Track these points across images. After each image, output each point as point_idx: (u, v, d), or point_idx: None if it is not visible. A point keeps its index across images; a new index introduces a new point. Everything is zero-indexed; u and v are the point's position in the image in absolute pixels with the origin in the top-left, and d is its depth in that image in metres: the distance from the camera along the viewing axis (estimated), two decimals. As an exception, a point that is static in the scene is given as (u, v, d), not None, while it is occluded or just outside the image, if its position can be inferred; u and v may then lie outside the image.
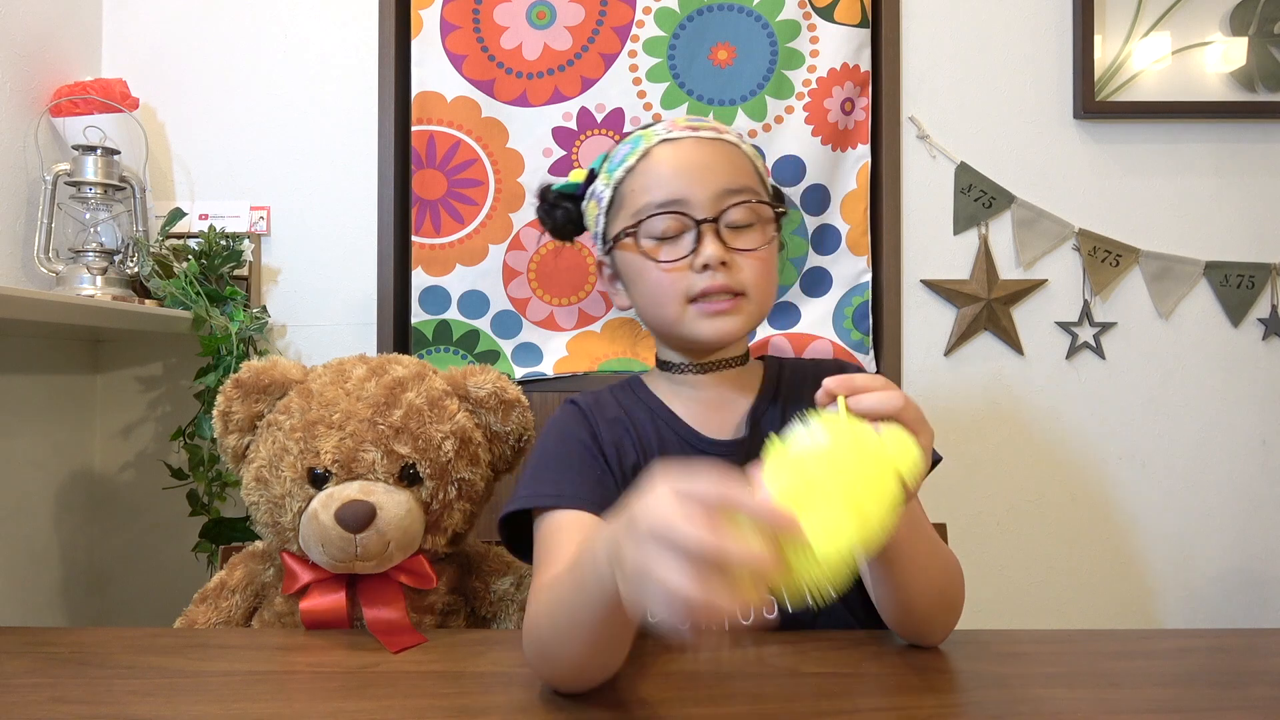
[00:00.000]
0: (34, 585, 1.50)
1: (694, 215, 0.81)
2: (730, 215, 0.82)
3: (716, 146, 0.85)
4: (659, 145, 0.84)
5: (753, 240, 0.83)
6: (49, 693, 0.68)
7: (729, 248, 0.81)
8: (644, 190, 0.83)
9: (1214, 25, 1.80)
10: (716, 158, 0.84)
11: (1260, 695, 0.70)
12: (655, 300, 0.84)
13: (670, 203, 0.82)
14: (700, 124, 0.87)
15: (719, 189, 0.82)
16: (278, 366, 0.94)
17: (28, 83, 1.54)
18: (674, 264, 0.82)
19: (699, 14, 1.77)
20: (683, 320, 0.83)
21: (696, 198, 0.81)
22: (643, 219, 0.83)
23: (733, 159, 0.85)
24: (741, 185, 0.83)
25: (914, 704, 0.66)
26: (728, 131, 0.87)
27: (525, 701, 0.69)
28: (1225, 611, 1.81)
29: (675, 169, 0.83)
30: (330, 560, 0.86)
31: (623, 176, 0.85)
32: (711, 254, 0.80)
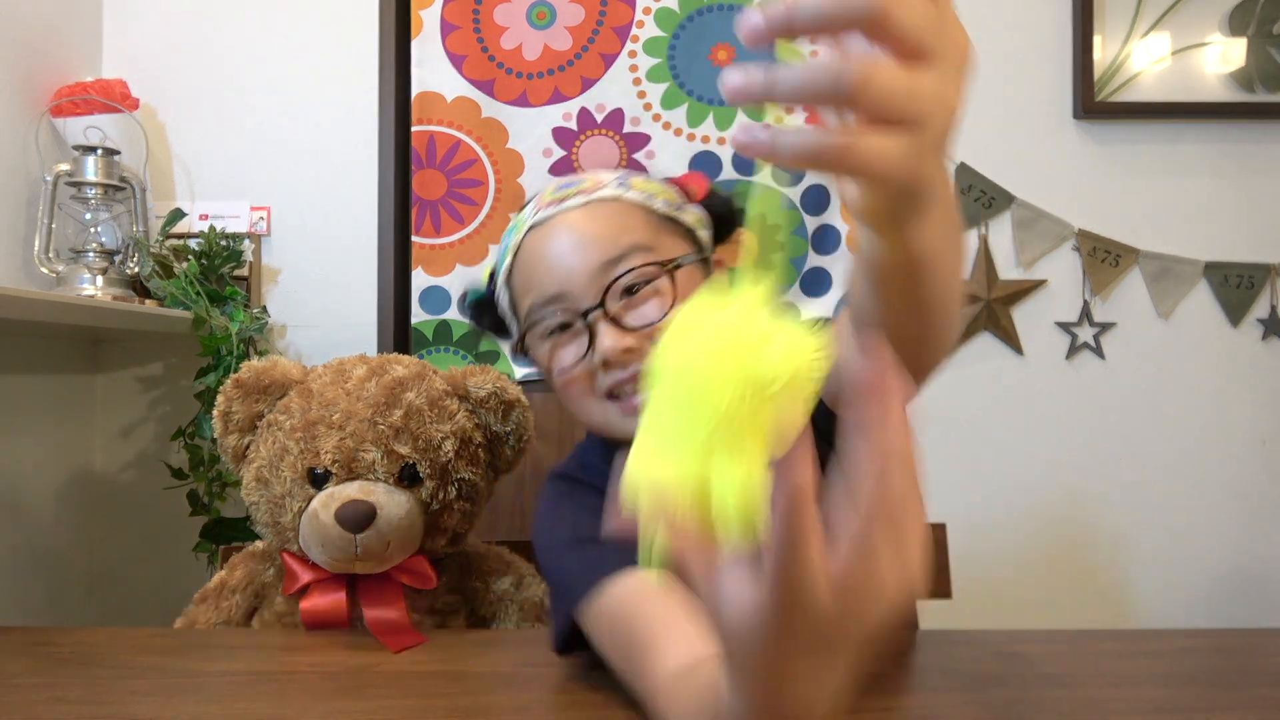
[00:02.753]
0: (34, 585, 1.50)
1: (577, 306, 0.70)
2: (616, 290, 0.70)
3: (588, 214, 0.73)
4: (527, 236, 0.75)
5: (656, 308, 0.70)
6: (50, 693, 0.68)
7: (629, 329, 0.69)
8: (524, 291, 0.74)
9: (1213, 26, 1.80)
10: (588, 229, 0.72)
11: (1260, 695, 0.70)
12: (573, 405, 0.74)
13: (549, 300, 0.72)
14: (568, 190, 0.75)
15: (595, 265, 0.70)
16: (278, 366, 0.94)
17: (28, 83, 1.54)
18: (574, 369, 0.72)
19: (699, 14, 1.77)
20: (609, 422, 0.72)
21: (575, 285, 0.70)
22: (529, 327, 0.74)
23: (610, 220, 0.72)
24: (625, 249, 0.70)
25: (914, 704, 0.66)
26: (604, 185, 0.74)
27: (525, 701, 0.69)
28: (1225, 611, 1.81)
29: (546, 259, 0.72)
30: (330, 560, 0.86)
31: (509, 274, 0.77)
32: (608, 347, 0.69)
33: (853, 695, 0.40)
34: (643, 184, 0.75)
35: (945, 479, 1.79)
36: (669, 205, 0.75)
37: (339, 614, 0.88)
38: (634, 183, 0.75)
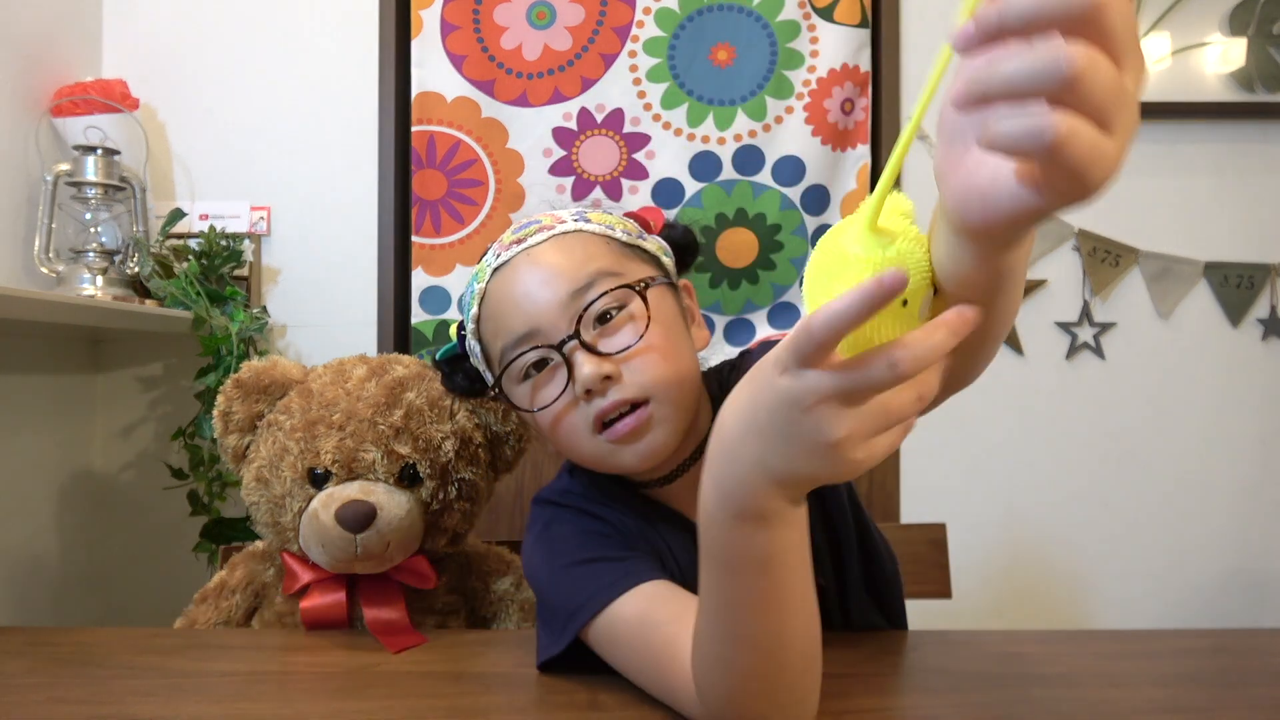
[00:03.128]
0: (34, 585, 1.50)
1: (550, 340, 0.69)
2: (589, 318, 0.68)
3: (551, 248, 0.71)
4: (492, 280, 0.73)
5: (630, 332, 0.69)
6: (49, 692, 0.68)
7: (606, 356, 0.68)
8: (494, 336, 0.73)
9: (1213, 26, 1.80)
10: (552, 261, 0.71)
11: (1260, 695, 0.70)
12: (565, 446, 0.72)
13: (522, 340, 0.70)
14: (527, 230, 0.74)
15: (564, 296, 0.69)
16: (278, 366, 0.94)
17: (28, 83, 1.54)
18: (555, 406, 0.69)
19: (699, 14, 1.77)
20: (602, 456, 0.70)
21: (545, 320, 0.69)
22: (504, 370, 0.72)
23: (573, 251, 0.71)
24: (591, 276, 0.69)
25: (914, 704, 0.66)
26: (563, 220, 0.74)
27: (525, 701, 0.69)
28: (1225, 611, 1.81)
29: (513, 298, 0.71)
30: (330, 560, 0.86)
31: (477, 324, 0.75)
32: (587, 375, 0.67)
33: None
34: (600, 216, 0.75)
35: (945, 479, 1.79)
36: (629, 235, 0.75)
37: (339, 614, 0.88)
38: (591, 216, 0.75)
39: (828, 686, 0.67)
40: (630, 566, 0.69)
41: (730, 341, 1.82)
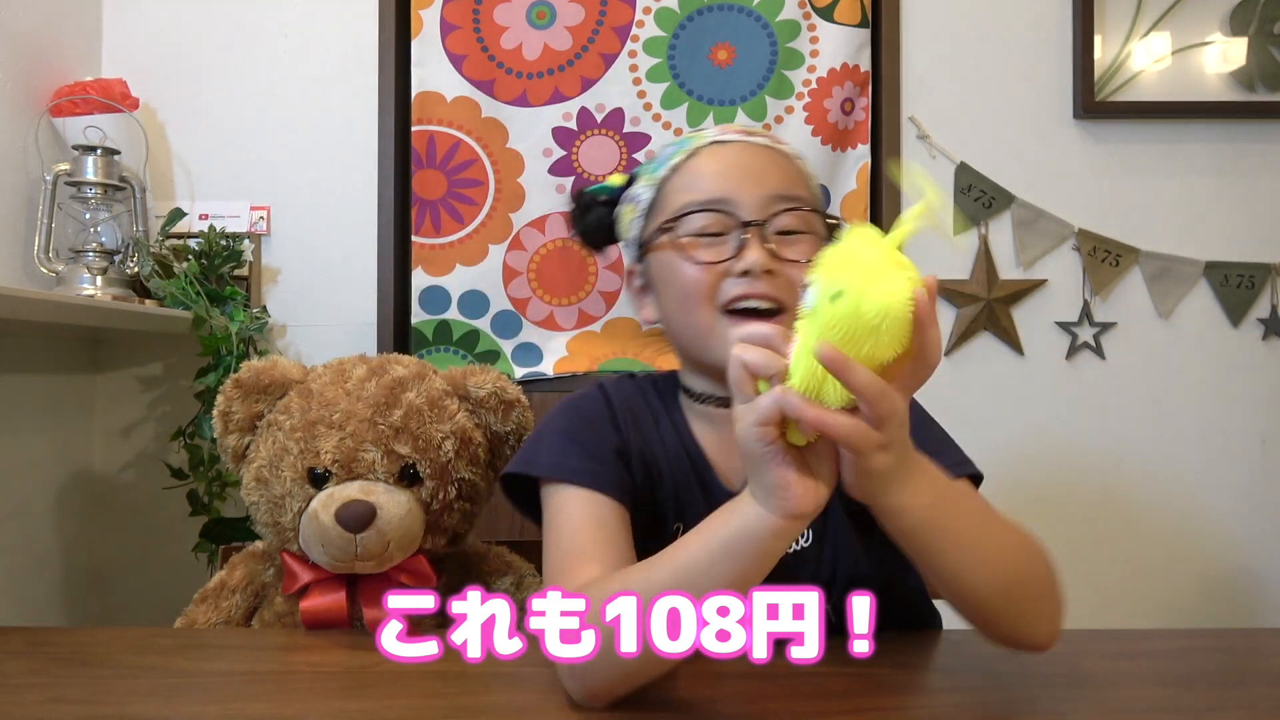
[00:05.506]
0: (34, 585, 1.50)
1: (740, 216, 0.75)
2: (780, 221, 0.75)
3: (770, 154, 0.80)
4: (708, 146, 0.80)
5: (802, 251, 0.74)
6: (49, 693, 0.68)
7: (776, 256, 0.74)
8: (687, 188, 0.78)
9: (1214, 25, 1.80)
10: (769, 164, 0.78)
11: (1260, 695, 0.70)
12: (685, 305, 0.77)
13: (715, 201, 0.76)
14: (755, 131, 0.82)
15: (770, 193, 0.76)
16: (278, 366, 0.94)
17: (28, 83, 1.54)
18: (710, 265, 0.75)
19: (699, 14, 1.77)
20: (714, 331, 0.75)
21: (744, 199, 0.75)
22: (684, 214, 0.76)
23: (787, 168, 0.80)
24: (794, 194, 0.77)
25: (914, 704, 0.66)
26: (784, 143, 0.82)
27: (525, 702, 0.69)
28: (1225, 611, 1.81)
29: (724, 169, 0.78)
30: (330, 560, 0.86)
31: (666, 175, 0.80)
32: (755, 259, 0.73)
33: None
34: (808, 167, 0.83)
35: (945, 479, 1.78)
36: (819, 191, 0.84)
37: (339, 614, 0.88)
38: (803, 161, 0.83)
39: (829, 686, 0.67)
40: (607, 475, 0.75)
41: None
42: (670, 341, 0.83)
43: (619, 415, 0.81)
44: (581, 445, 0.77)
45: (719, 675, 0.71)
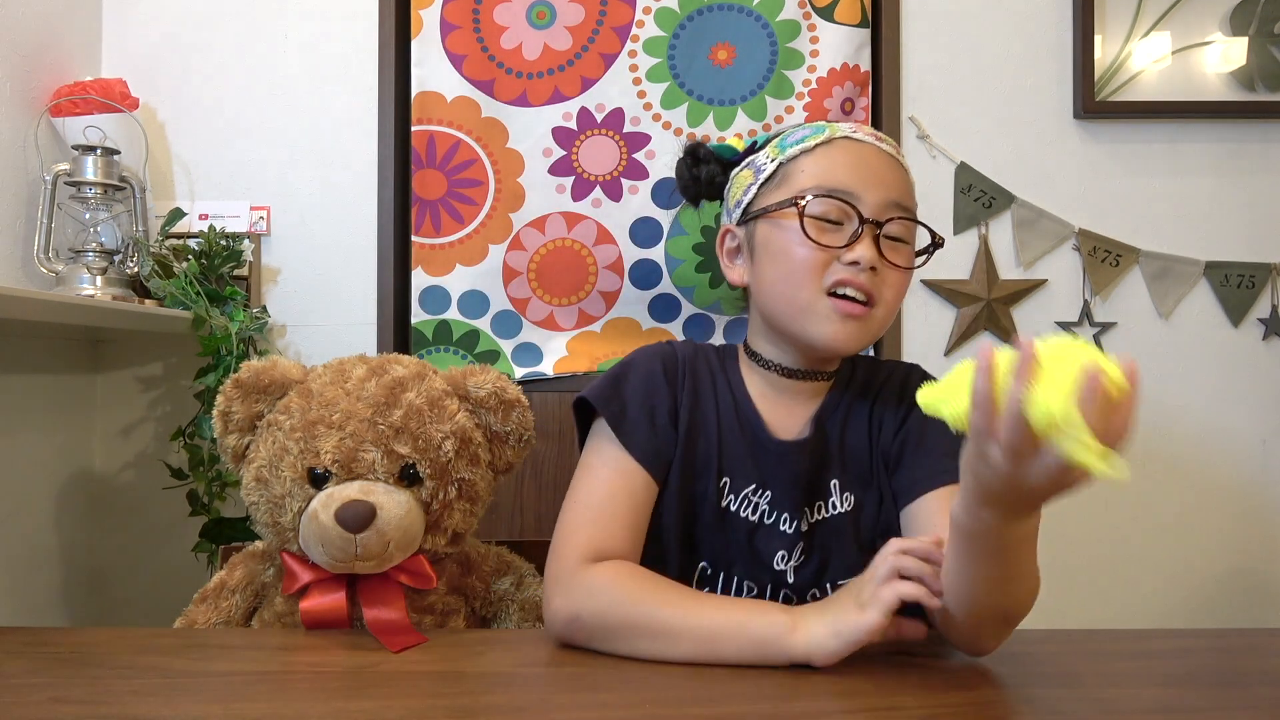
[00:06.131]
0: (34, 585, 1.50)
1: (861, 211, 0.82)
2: (893, 226, 0.83)
3: (893, 162, 0.86)
4: (842, 139, 0.85)
5: (903, 258, 0.84)
6: (49, 693, 0.68)
7: (882, 256, 0.82)
8: (819, 173, 0.84)
9: (1214, 25, 1.80)
10: (892, 170, 0.85)
11: (1261, 695, 0.70)
12: (791, 278, 0.84)
13: (843, 191, 0.82)
14: (884, 137, 0.88)
15: (890, 198, 0.83)
16: (278, 366, 0.94)
17: (28, 83, 1.54)
18: (826, 248, 0.82)
19: (699, 14, 1.77)
20: (813, 308, 0.83)
21: (869, 198, 0.82)
22: (815, 195, 0.83)
23: (904, 179, 0.87)
24: (908, 205, 0.85)
25: (914, 704, 0.66)
26: (902, 155, 0.89)
27: (525, 701, 0.69)
28: (1225, 611, 1.81)
29: (856, 163, 0.84)
30: (330, 560, 0.86)
31: (796, 154, 0.86)
32: (865, 254, 0.81)
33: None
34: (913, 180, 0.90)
35: (945, 479, 1.78)
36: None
37: (339, 614, 0.88)
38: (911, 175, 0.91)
39: (828, 686, 0.67)
40: (655, 445, 0.86)
41: (729, 340, 1.82)
42: (757, 304, 0.90)
43: (683, 370, 0.90)
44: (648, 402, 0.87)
45: (718, 675, 0.71)
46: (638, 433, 0.85)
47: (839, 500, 0.87)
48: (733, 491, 0.87)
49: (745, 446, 0.88)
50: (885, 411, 0.90)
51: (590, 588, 0.77)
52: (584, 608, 0.77)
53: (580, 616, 0.77)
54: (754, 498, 0.87)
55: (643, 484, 0.85)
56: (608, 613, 0.76)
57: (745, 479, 0.87)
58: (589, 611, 0.76)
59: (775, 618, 0.72)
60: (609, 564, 0.79)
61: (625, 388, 0.88)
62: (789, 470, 0.86)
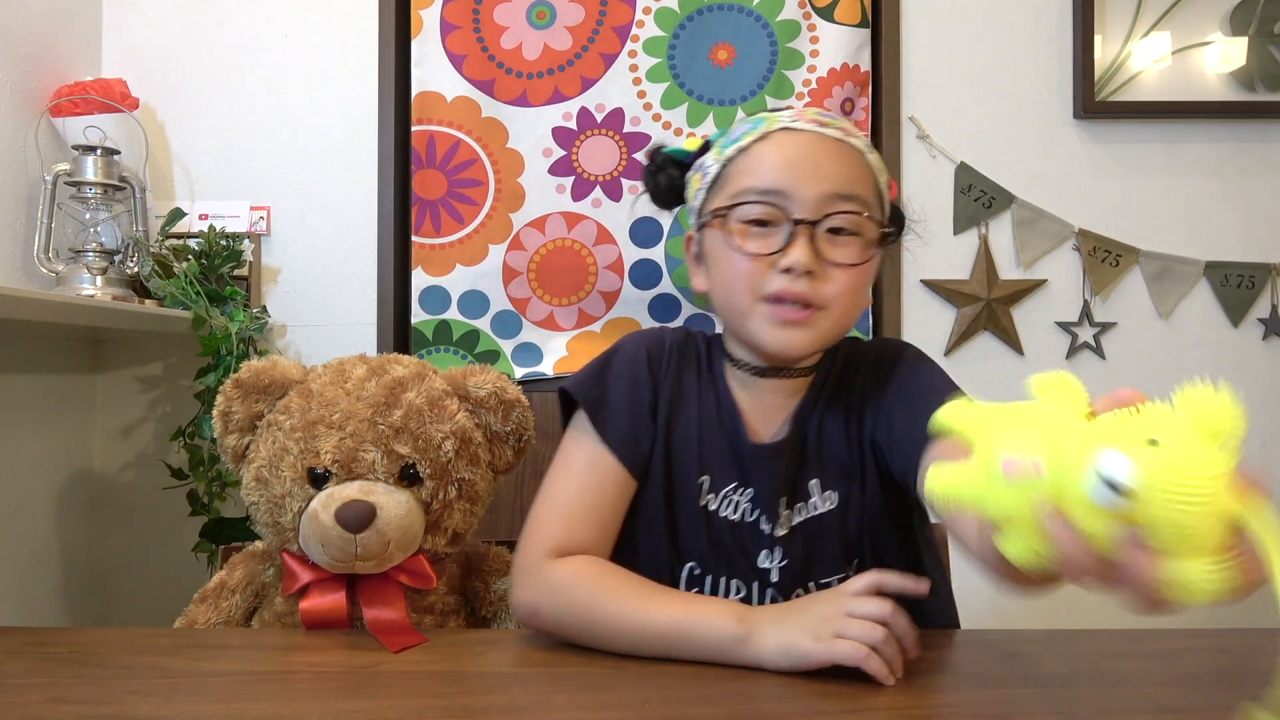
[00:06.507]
0: (34, 585, 1.50)
1: (792, 212, 0.77)
2: (832, 221, 0.77)
3: (838, 148, 0.80)
4: (778, 132, 0.80)
5: (849, 254, 0.78)
6: (49, 693, 0.68)
7: (821, 257, 0.77)
8: (748, 173, 0.80)
9: (1214, 25, 1.80)
10: (834, 158, 0.79)
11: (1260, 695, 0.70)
12: (729, 288, 0.81)
13: (771, 192, 0.78)
14: (829, 121, 0.81)
15: (826, 191, 0.77)
16: (278, 366, 0.94)
17: (28, 83, 1.54)
18: (757, 256, 0.78)
19: (699, 14, 1.77)
20: (751, 317, 0.80)
21: (800, 194, 0.77)
22: (739, 203, 0.79)
23: (852, 164, 0.80)
24: (852, 193, 0.78)
25: (914, 704, 0.66)
26: (856, 136, 0.82)
27: (525, 701, 0.69)
28: (1225, 611, 1.80)
29: (787, 159, 0.79)
30: (330, 560, 0.86)
31: (733, 155, 0.82)
32: (798, 258, 0.76)
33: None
34: (877, 157, 0.83)
35: (945, 479, 1.78)
36: (883, 188, 0.83)
37: (339, 614, 0.88)
38: (873, 151, 0.83)
39: (828, 686, 0.67)
40: (634, 440, 0.84)
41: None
42: (717, 309, 0.87)
43: (668, 360, 0.89)
44: (629, 392, 0.86)
45: (718, 674, 0.71)
46: (615, 422, 0.84)
47: (820, 500, 0.84)
48: (713, 490, 0.85)
49: (724, 445, 0.85)
50: (866, 397, 0.84)
51: (550, 583, 0.78)
52: (543, 603, 0.78)
53: (540, 612, 0.78)
54: (735, 496, 0.85)
55: (616, 478, 0.84)
56: (565, 610, 0.77)
57: (725, 477, 0.85)
58: (548, 608, 0.77)
59: (727, 627, 0.71)
60: (571, 560, 0.79)
61: (608, 375, 0.87)
62: (767, 472, 0.84)
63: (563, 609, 0.77)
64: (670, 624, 0.73)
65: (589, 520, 0.82)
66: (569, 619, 0.77)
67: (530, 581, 0.79)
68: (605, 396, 0.85)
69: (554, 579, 0.78)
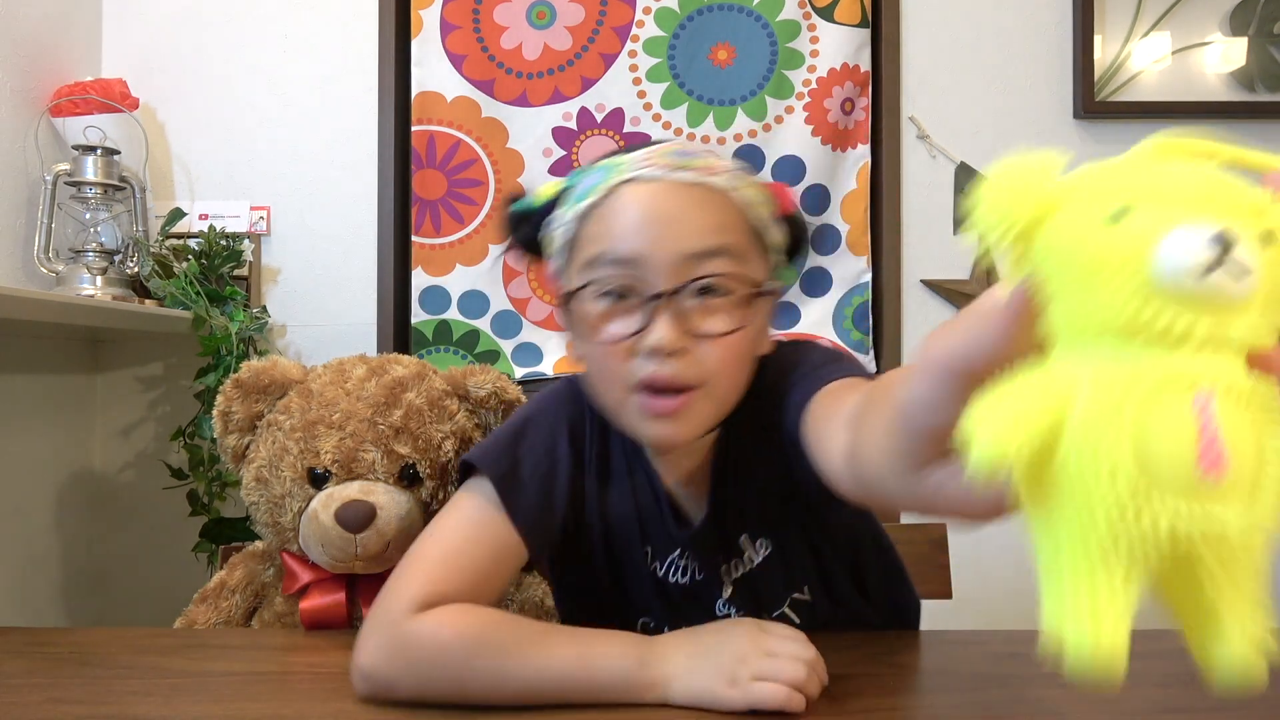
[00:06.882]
0: (34, 585, 1.50)
1: (649, 285, 0.65)
2: (696, 285, 0.66)
3: (697, 194, 0.67)
4: (625, 185, 0.68)
5: (721, 321, 0.66)
6: (49, 693, 0.68)
7: (689, 330, 0.65)
8: (597, 239, 0.68)
9: (1214, 25, 1.80)
10: (692, 208, 0.67)
11: (1260, 696, 0.70)
12: (596, 379, 0.71)
13: (624, 262, 0.66)
14: (685, 161, 0.68)
15: (685, 251, 0.65)
16: (278, 366, 0.94)
17: (28, 83, 1.54)
18: (618, 343, 0.66)
19: (699, 14, 1.77)
20: (624, 410, 0.69)
21: (656, 260, 0.65)
22: (588, 281, 0.68)
23: (715, 210, 0.67)
24: (717, 246, 0.66)
25: (914, 704, 0.66)
26: (719, 171, 0.69)
27: (525, 701, 0.69)
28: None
29: (637, 220, 0.66)
30: (330, 560, 0.86)
31: (585, 211, 0.69)
32: (660, 338, 0.64)
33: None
34: (750, 187, 0.71)
35: (945, 479, 1.78)
36: (762, 220, 0.71)
37: (339, 614, 0.88)
38: (746, 179, 0.71)
39: (831, 689, 0.67)
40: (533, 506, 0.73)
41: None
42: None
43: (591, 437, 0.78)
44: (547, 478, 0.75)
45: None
46: (525, 500, 0.73)
47: (754, 553, 0.78)
48: (658, 559, 0.79)
49: (659, 526, 0.78)
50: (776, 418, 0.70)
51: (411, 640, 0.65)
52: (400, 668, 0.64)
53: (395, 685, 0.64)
54: (681, 561, 0.79)
55: (514, 547, 0.72)
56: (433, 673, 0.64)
57: (667, 548, 0.78)
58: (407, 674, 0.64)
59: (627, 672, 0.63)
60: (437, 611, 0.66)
61: (521, 448, 0.76)
62: (704, 550, 0.78)
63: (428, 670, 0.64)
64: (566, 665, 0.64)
65: (468, 574, 0.69)
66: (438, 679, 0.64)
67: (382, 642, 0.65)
68: (517, 472, 0.74)
69: (416, 635, 0.65)
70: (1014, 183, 0.32)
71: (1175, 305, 0.26)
